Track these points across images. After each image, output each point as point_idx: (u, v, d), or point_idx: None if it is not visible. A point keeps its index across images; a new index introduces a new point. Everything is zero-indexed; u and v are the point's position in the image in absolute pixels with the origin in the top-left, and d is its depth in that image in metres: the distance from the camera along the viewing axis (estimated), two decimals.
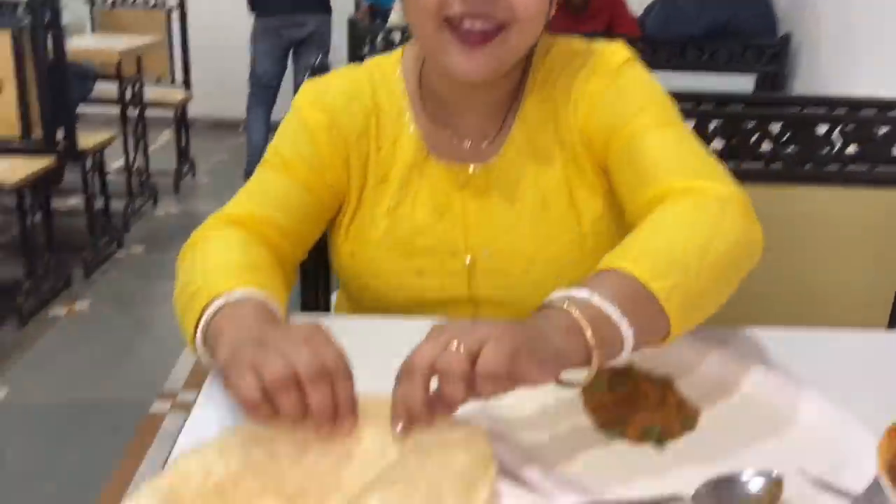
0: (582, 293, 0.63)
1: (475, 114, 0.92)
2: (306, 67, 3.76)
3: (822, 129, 1.28)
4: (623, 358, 0.64)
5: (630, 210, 0.85)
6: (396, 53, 0.97)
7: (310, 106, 0.92)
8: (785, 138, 1.27)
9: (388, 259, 0.92)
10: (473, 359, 0.55)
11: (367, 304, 0.97)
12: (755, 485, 0.58)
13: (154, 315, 2.81)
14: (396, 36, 3.00)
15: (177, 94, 4.09)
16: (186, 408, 2.18)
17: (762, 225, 0.78)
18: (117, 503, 1.89)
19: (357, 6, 4.88)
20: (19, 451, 2.03)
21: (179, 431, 0.71)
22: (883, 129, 1.29)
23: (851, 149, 1.30)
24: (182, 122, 4.22)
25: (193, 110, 4.51)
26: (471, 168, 0.92)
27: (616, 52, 0.90)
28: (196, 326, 0.72)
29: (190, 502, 0.45)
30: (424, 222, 0.92)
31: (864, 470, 0.60)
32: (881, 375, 0.82)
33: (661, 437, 0.66)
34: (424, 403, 0.56)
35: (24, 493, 1.82)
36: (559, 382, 0.61)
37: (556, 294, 0.65)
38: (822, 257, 1.26)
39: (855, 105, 1.30)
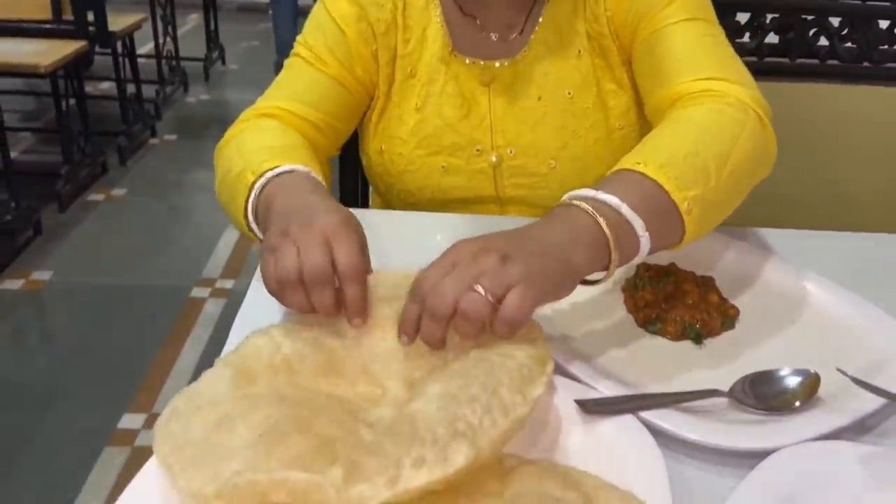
0: (612, 200, 0.60)
1: (503, 5, 0.90)
2: None
3: (883, 24, 1.22)
4: (633, 263, 0.63)
5: (649, 105, 0.84)
6: None
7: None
8: (843, 33, 1.21)
9: (416, 156, 0.92)
10: (498, 302, 0.52)
11: (396, 202, 0.97)
12: (792, 381, 0.59)
13: (191, 202, 2.86)
14: None
15: None
16: (226, 294, 2.26)
17: (817, 124, 0.76)
18: (162, 384, 1.98)
19: None
20: (67, 331, 2.13)
21: (218, 317, 0.74)
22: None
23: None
24: (210, 5, 4.12)
25: None
26: (497, 63, 0.90)
27: None
28: (245, 206, 0.73)
29: (260, 374, 0.48)
30: (451, 119, 0.91)
31: None
32: None
33: (700, 335, 0.67)
34: (443, 341, 0.54)
35: (72, 370, 1.93)
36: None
37: (584, 193, 0.61)
38: (874, 159, 1.22)
39: None
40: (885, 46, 1.22)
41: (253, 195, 0.72)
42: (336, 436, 0.42)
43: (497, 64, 0.90)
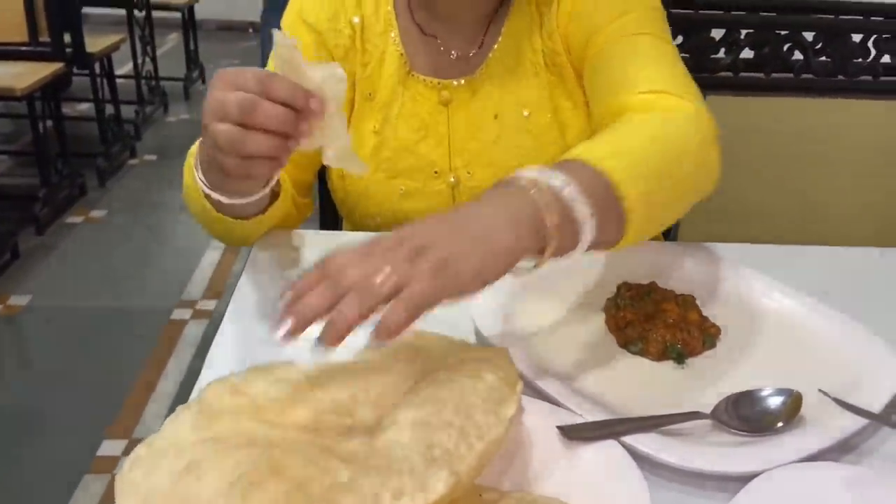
0: (555, 180, 0.56)
1: (463, 24, 0.90)
2: None
3: (856, 38, 1.23)
4: (570, 256, 0.57)
5: (595, 115, 0.83)
6: None
7: (294, 25, 0.90)
8: (818, 47, 1.22)
9: (374, 180, 0.92)
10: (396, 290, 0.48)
11: (361, 225, 0.97)
12: (774, 401, 0.59)
13: (171, 223, 2.83)
14: None
15: None
16: (207, 315, 2.23)
17: (794, 137, 0.76)
18: (143, 409, 1.95)
19: None
20: (45, 356, 2.09)
21: (200, 338, 0.73)
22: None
23: (885, 59, 1.25)
24: (190, 25, 4.12)
25: (201, 13, 4.39)
26: (454, 82, 0.90)
27: None
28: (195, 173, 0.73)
29: (223, 415, 0.47)
30: (408, 142, 0.91)
31: (883, 386, 0.61)
32: None
33: (681, 355, 0.67)
34: (316, 315, 0.49)
35: (51, 396, 1.89)
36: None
37: (527, 173, 0.57)
38: (848, 172, 1.23)
39: (892, 13, 1.25)
40: (859, 60, 1.24)
41: (196, 158, 0.72)
42: (312, 476, 0.40)
43: (455, 83, 0.90)
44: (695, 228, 1.26)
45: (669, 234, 1.21)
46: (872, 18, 1.24)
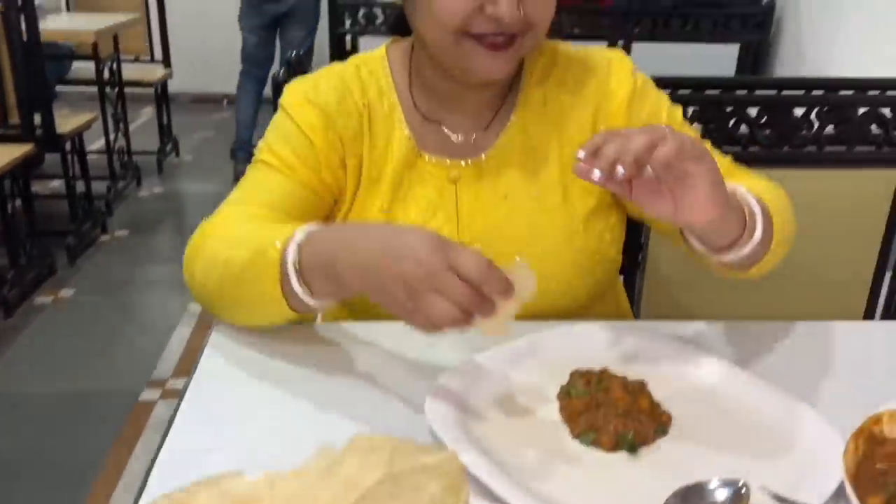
0: (741, 190, 0.81)
1: (468, 109, 0.93)
2: (289, 44, 3.70)
3: (799, 111, 1.28)
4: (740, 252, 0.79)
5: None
6: (380, 51, 0.97)
7: (302, 107, 0.91)
8: (762, 121, 1.27)
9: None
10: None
11: (359, 306, 0.96)
12: (721, 494, 0.59)
13: (142, 299, 2.81)
14: (378, 11, 2.97)
15: (156, 72, 4.03)
16: (176, 395, 2.20)
17: None
18: (110, 492, 1.90)
19: None
20: (10, 441, 2.04)
21: (171, 420, 0.72)
22: (861, 110, 1.29)
23: (829, 129, 1.30)
24: (163, 100, 4.17)
25: (174, 86, 4.45)
26: (462, 163, 0.93)
27: (623, 58, 0.95)
28: (280, 281, 0.72)
29: None
30: (417, 221, 0.92)
31: (832, 475, 0.62)
32: (855, 369, 0.83)
33: (634, 444, 0.67)
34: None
35: (15, 484, 1.84)
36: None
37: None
38: (798, 241, 1.26)
39: (832, 86, 1.30)
40: (803, 132, 1.29)
41: (290, 264, 0.71)
42: None
43: (462, 163, 0.93)
44: (659, 300, 1.28)
45: (633, 306, 1.22)
46: (813, 93, 1.29)
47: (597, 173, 0.66)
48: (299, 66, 1.16)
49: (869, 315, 1.36)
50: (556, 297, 0.90)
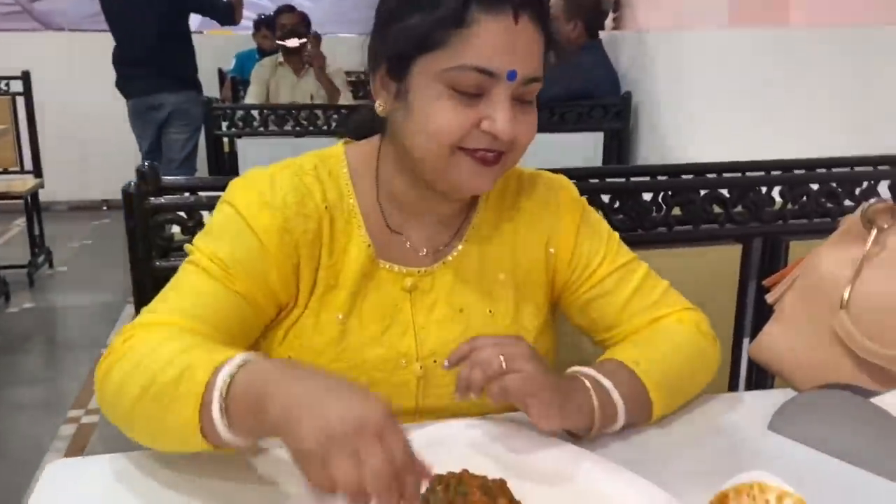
0: (606, 382, 0.84)
1: (430, 222, 0.93)
2: (170, 146, 3.65)
3: (647, 196, 1.36)
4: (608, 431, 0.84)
5: (605, 336, 0.98)
6: (336, 152, 0.93)
7: (257, 207, 0.85)
8: (616, 206, 1.34)
9: (332, 369, 0.87)
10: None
11: None
12: None
13: (7, 427, 2.58)
14: (255, 114, 2.98)
15: (26, 183, 3.86)
16: None
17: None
18: None
19: (221, 82, 4.84)
20: None
21: None
22: (702, 192, 1.39)
23: (676, 211, 1.39)
24: (34, 210, 3.98)
25: (48, 195, 4.28)
26: (417, 270, 0.92)
27: (570, 186, 1.01)
28: (199, 410, 0.68)
29: None
30: (375, 332, 0.90)
31: None
32: (715, 441, 0.86)
33: None
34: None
35: None
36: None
37: (585, 371, 0.85)
38: None
39: (674, 171, 1.40)
40: (653, 214, 1.37)
41: (216, 393, 0.67)
42: None
43: (417, 271, 0.92)
44: None
45: None
46: (659, 178, 1.38)
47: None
48: (152, 173, 1.13)
49: (733, 387, 1.42)
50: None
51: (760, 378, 1.46)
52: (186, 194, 1.15)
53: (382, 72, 0.86)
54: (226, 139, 3.11)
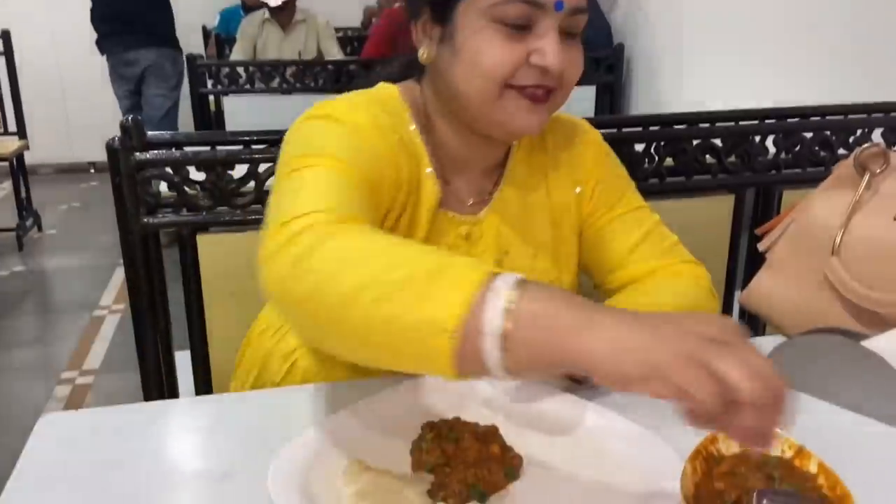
0: None
1: (474, 171, 0.93)
2: (149, 103, 3.63)
3: (639, 147, 1.35)
4: None
5: (612, 273, 0.97)
6: (391, 92, 0.90)
7: (347, 108, 0.83)
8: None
9: None
10: None
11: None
12: None
13: (0, 391, 2.58)
14: (241, 71, 2.93)
15: (9, 145, 3.81)
16: None
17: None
18: None
19: (206, 40, 4.75)
20: None
21: None
22: (694, 142, 1.37)
23: (668, 162, 1.38)
24: (20, 173, 3.93)
25: (34, 158, 4.22)
26: (471, 219, 0.93)
27: (592, 129, 1.02)
28: (462, 327, 0.53)
29: None
30: None
31: (673, 498, 0.63)
32: None
33: (483, 494, 0.66)
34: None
35: None
36: None
37: None
38: None
39: (666, 122, 1.38)
40: (645, 166, 1.36)
41: (494, 313, 0.53)
42: None
43: (468, 217, 0.92)
44: None
45: None
46: (651, 129, 1.37)
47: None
48: (136, 127, 1.11)
49: None
50: None
51: (753, 328, 1.47)
52: (172, 150, 1.14)
53: (425, 18, 0.86)
54: (211, 97, 3.06)
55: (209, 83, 2.92)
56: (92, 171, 5.32)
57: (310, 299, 0.61)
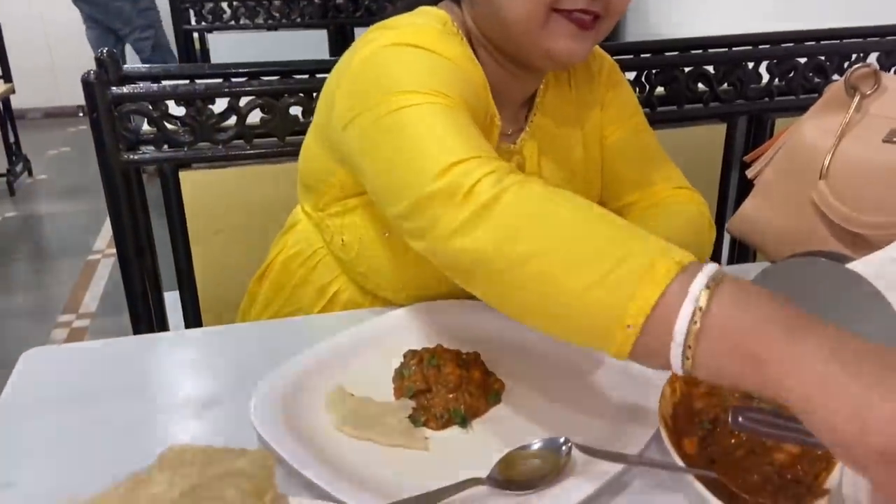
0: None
1: (513, 102, 0.92)
2: (124, 36, 3.54)
3: (630, 75, 1.32)
4: None
5: (617, 193, 0.99)
6: (444, 18, 0.84)
7: (439, 40, 0.78)
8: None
9: None
10: None
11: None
12: (543, 454, 0.59)
13: None
14: (225, 6, 2.85)
15: None
16: None
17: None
18: None
19: None
20: None
21: None
22: (686, 69, 1.35)
23: (660, 91, 1.35)
24: (7, 117, 3.87)
25: (20, 102, 4.15)
26: (511, 146, 0.91)
27: (606, 54, 1.02)
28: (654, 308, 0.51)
29: None
30: None
31: (651, 421, 0.63)
32: None
33: (465, 419, 0.67)
34: None
35: None
36: None
37: None
38: None
39: (657, 48, 1.35)
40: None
41: (682, 323, 0.50)
42: None
43: (513, 147, 0.91)
44: None
45: None
46: (641, 56, 1.34)
47: None
48: (111, 61, 1.08)
49: (715, 258, 1.43)
50: None
51: (742, 257, 1.47)
52: (150, 83, 1.11)
53: None
54: (196, 35, 2.99)
55: (193, 20, 2.84)
56: (81, 114, 5.24)
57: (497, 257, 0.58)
